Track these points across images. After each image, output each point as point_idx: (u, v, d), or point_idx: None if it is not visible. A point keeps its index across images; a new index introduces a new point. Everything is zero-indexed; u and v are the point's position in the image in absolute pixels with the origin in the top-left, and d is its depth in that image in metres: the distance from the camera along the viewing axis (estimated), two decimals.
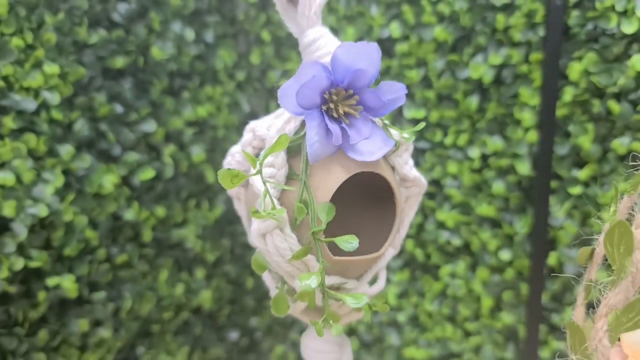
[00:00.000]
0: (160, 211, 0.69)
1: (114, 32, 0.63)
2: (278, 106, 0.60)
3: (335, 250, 0.36)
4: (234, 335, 0.85)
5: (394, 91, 0.36)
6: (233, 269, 0.81)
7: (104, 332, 0.67)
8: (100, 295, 0.66)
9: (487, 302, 0.71)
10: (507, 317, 0.71)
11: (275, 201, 0.33)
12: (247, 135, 0.38)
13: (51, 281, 0.61)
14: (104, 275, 0.66)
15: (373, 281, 0.40)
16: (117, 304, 0.68)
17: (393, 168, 0.39)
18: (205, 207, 0.75)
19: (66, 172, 0.61)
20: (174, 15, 0.69)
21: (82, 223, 0.63)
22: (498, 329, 0.72)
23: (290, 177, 0.35)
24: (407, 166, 0.39)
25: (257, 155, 0.38)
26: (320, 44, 0.36)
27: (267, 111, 0.80)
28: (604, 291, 0.30)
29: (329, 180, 0.35)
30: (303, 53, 0.38)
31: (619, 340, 0.30)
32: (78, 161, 0.61)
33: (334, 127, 0.34)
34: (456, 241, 0.71)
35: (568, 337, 0.30)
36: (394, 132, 0.38)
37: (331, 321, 0.34)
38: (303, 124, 0.36)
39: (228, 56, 0.75)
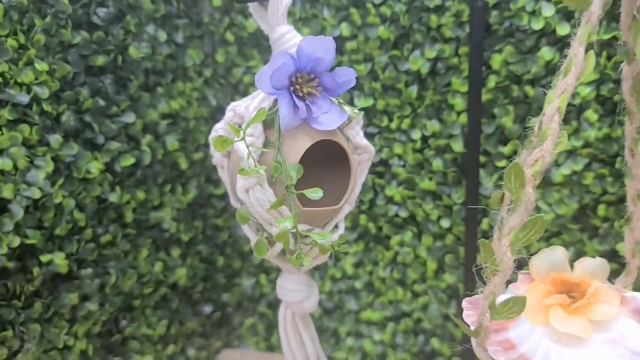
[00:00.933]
0: (140, 195, 0.77)
1: (94, 33, 0.70)
2: (239, 100, 0.69)
3: (304, 203, 0.45)
4: (207, 309, 0.92)
5: (346, 75, 0.45)
6: (205, 249, 0.89)
7: (91, 306, 0.74)
8: (87, 271, 0.73)
9: (431, 266, 0.82)
10: (449, 278, 0.81)
11: (256, 162, 0.42)
12: (228, 113, 0.47)
13: (44, 258, 0.67)
14: (91, 253, 0.73)
15: (334, 230, 0.50)
16: (102, 279, 0.75)
17: (347, 138, 0.49)
18: (179, 192, 0.83)
19: (55, 159, 0.67)
20: (147, 19, 0.76)
21: (70, 205, 0.69)
22: (442, 288, 0.83)
23: (266, 145, 0.44)
24: (358, 136, 0.49)
25: None
26: (287, 38, 0.45)
27: None
28: (507, 218, 0.40)
29: (297, 146, 0.44)
30: (273, 46, 0.47)
31: (517, 252, 0.40)
32: (66, 149, 0.68)
33: (300, 103, 0.44)
34: (403, 213, 0.82)
35: (482, 252, 0.40)
36: (347, 108, 0.47)
37: (303, 255, 0.43)
38: (275, 102, 0.45)
39: (196, 55, 0.83)
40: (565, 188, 0.71)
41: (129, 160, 0.74)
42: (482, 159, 0.74)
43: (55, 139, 0.67)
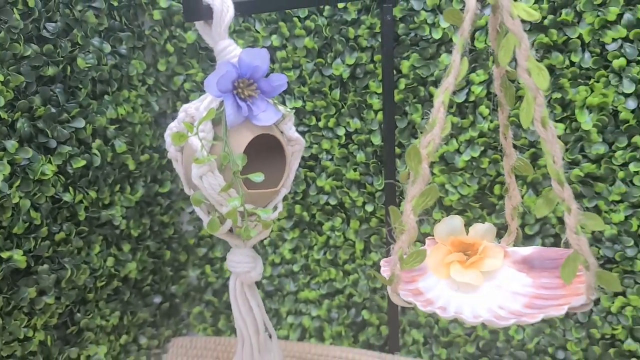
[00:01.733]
0: (92, 194, 0.83)
1: (44, 46, 0.76)
2: (180, 105, 0.79)
3: (248, 186, 0.54)
4: (157, 300, 0.99)
5: (279, 80, 0.55)
6: (153, 244, 0.96)
7: (48, 300, 0.79)
8: (44, 267, 0.78)
9: (359, 247, 0.93)
10: (375, 256, 0.93)
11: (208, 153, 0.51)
12: (181, 114, 0.56)
13: (4, 254, 0.72)
14: (46, 250, 0.78)
15: (275, 208, 0.60)
16: (58, 274, 0.80)
17: (282, 132, 0.59)
18: (128, 191, 0.90)
19: (12, 163, 0.73)
20: (92, 32, 0.83)
21: (26, 205, 0.75)
22: (369, 266, 0.94)
23: (215, 138, 0.53)
24: (291, 130, 0.59)
25: None
26: (229, 50, 0.54)
27: (173, 109, 0.96)
28: (410, 189, 0.51)
29: (241, 139, 0.53)
30: (217, 57, 0.56)
31: (420, 217, 0.51)
32: (21, 153, 0.74)
33: (242, 104, 0.53)
34: (333, 202, 0.92)
35: (391, 216, 0.51)
36: (281, 107, 0.57)
37: (249, 229, 0.52)
38: (221, 104, 0.54)
39: (139, 65, 0.90)
40: (466, 172, 0.84)
41: (80, 163, 0.81)
42: (397, 150, 0.86)
43: (11, 144, 0.73)
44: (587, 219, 0.43)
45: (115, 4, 0.86)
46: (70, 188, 0.80)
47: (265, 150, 0.61)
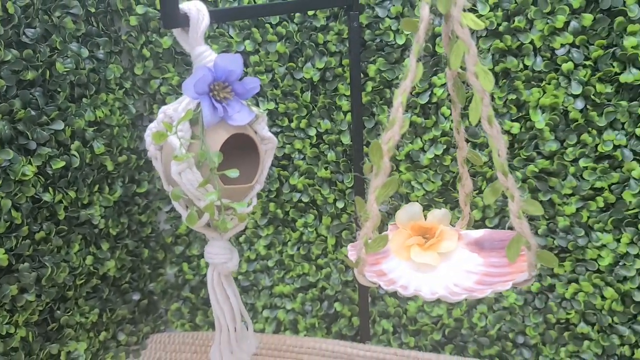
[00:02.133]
0: (71, 194, 0.86)
1: (24, 51, 0.79)
2: (157, 108, 0.84)
3: (225, 181, 0.58)
4: (135, 297, 1.02)
5: (253, 83, 0.59)
6: (131, 242, 0.99)
7: (29, 297, 0.82)
8: (25, 265, 0.81)
9: (331, 241, 0.98)
10: (346, 250, 0.97)
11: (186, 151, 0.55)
12: (160, 115, 0.59)
13: None
14: (27, 248, 0.81)
15: (250, 202, 0.64)
16: (38, 272, 0.83)
17: (255, 131, 0.63)
18: (107, 191, 0.93)
19: None
20: (71, 37, 0.86)
21: (8, 205, 0.77)
22: (341, 260, 0.98)
23: (193, 137, 0.57)
24: (264, 130, 0.63)
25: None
26: (205, 55, 0.58)
27: (150, 112, 0.99)
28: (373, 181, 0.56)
29: (217, 138, 0.57)
30: (194, 61, 0.60)
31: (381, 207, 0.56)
32: (3, 155, 0.76)
33: (218, 105, 0.57)
34: (305, 199, 0.97)
35: (356, 208, 0.56)
36: (254, 108, 0.61)
37: (225, 220, 0.56)
38: (198, 105, 0.58)
39: (116, 69, 0.93)
40: (430, 169, 0.89)
41: (59, 164, 0.83)
42: (365, 149, 0.91)
43: None
44: (528, 205, 0.49)
45: (93, 10, 0.89)
46: (50, 188, 0.83)
47: (240, 148, 0.65)
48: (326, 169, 0.94)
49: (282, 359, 0.97)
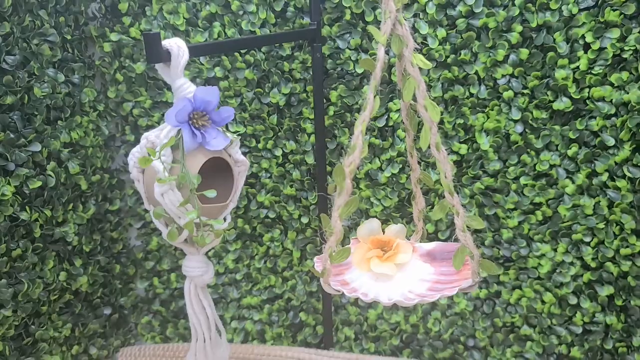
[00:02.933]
0: (47, 212, 0.90)
1: (4, 77, 0.83)
2: (129, 129, 0.89)
3: (202, 201, 0.64)
4: (106, 312, 1.05)
5: (227, 112, 0.66)
6: (103, 259, 1.03)
7: (6, 312, 0.85)
8: (2, 282, 0.84)
9: (296, 255, 1.04)
10: (310, 263, 1.04)
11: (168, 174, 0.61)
12: (143, 141, 0.65)
13: None
14: (4, 265, 0.84)
15: (225, 220, 0.70)
16: (15, 288, 0.86)
17: (230, 155, 0.69)
18: (80, 209, 0.97)
19: None
20: (47, 63, 0.90)
21: None
22: (305, 271, 1.05)
23: (174, 161, 0.63)
24: (237, 154, 0.69)
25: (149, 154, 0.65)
26: (185, 87, 0.64)
27: (122, 133, 1.04)
28: (336, 200, 0.63)
29: (196, 162, 0.63)
30: (175, 93, 0.65)
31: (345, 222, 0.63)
32: None
33: (197, 132, 0.63)
34: (272, 215, 1.03)
35: (322, 223, 0.62)
36: (229, 134, 0.68)
37: (204, 236, 0.62)
38: (179, 132, 0.64)
39: (90, 93, 0.97)
40: (388, 186, 0.97)
41: (36, 184, 0.87)
42: (328, 168, 0.98)
43: None
44: (471, 220, 0.57)
45: (69, 37, 0.94)
46: (27, 207, 0.86)
47: (215, 170, 0.71)
48: (291, 186, 1.01)
49: None
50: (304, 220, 1.02)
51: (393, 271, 0.66)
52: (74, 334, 0.99)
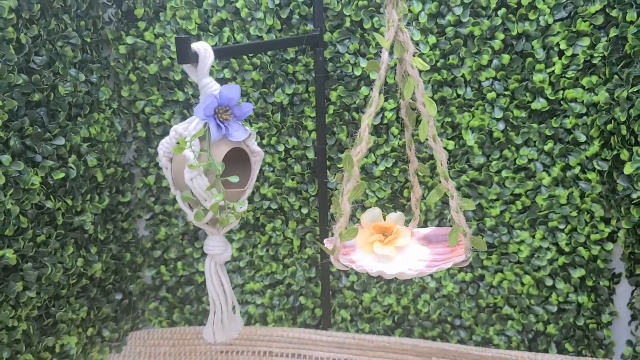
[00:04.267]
0: (68, 202, 0.96)
1: (33, 76, 0.90)
2: (140, 126, 0.97)
3: (225, 186, 0.72)
4: (118, 297, 1.12)
5: (247, 107, 0.74)
6: (115, 247, 1.10)
7: (31, 294, 0.92)
8: (28, 265, 0.91)
9: (296, 243, 1.12)
10: (309, 251, 1.12)
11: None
12: (172, 133, 0.73)
13: None
14: (31, 250, 0.91)
15: (244, 203, 0.78)
16: (39, 272, 0.92)
17: (247, 146, 0.77)
18: (96, 200, 1.04)
19: (6, 174, 0.85)
20: (70, 64, 0.97)
21: (16, 211, 0.87)
22: (305, 259, 1.13)
23: (200, 150, 0.71)
24: (254, 145, 0.78)
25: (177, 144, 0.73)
26: (211, 85, 0.72)
27: (134, 130, 1.11)
28: (345, 185, 0.71)
29: (219, 151, 0.71)
30: (202, 90, 0.73)
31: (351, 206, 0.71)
32: (14, 166, 0.87)
33: (221, 125, 0.71)
34: (274, 206, 1.11)
35: (332, 204, 0.71)
36: (248, 128, 0.76)
37: (226, 216, 0.70)
38: (205, 125, 0.72)
39: (106, 91, 1.05)
40: (382, 179, 1.06)
41: (60, 175, 0.94)
42: (327, 163, 1.07)
43: (5, 158, 0.85)
44: (464, 202, 0.66)
45: (88, 40, 1.01)
46: (51, 196, 0.93)
47: (234, 160, 0.79)
48: (293, 179, 1.09)
49: (254, 347, 1.10)
50: (304, 211, 1.10)
51: (394, 253, 0.75)
52: (89, 316, 1.06)
